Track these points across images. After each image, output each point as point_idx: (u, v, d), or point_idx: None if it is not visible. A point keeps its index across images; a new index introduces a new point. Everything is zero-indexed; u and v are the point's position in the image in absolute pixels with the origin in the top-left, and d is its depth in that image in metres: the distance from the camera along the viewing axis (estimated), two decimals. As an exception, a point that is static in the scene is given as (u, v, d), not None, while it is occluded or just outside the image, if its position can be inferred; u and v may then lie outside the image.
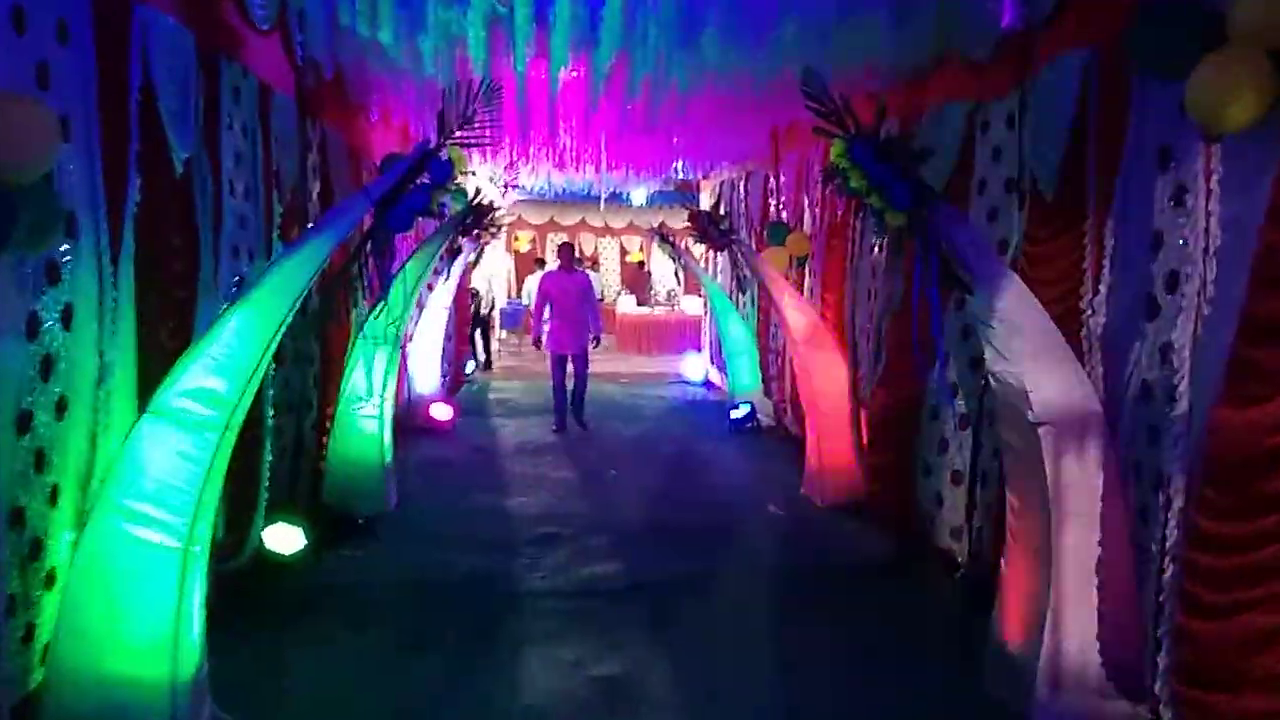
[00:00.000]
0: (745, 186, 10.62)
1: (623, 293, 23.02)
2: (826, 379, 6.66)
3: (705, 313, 13.22)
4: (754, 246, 8.95)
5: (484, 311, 15.24)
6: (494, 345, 16.79)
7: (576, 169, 9.89)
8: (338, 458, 6.26)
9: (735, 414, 9.73)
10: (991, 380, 3.65)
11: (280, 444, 5.68)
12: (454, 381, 11.26)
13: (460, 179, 4.81)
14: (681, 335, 18.67)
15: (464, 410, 10.71)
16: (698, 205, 11.43)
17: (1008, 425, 3.67)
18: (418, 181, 3.56)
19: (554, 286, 9.59)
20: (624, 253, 24.95)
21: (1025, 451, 3.61)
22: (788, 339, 6.84)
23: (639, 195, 22.76)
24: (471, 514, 6.58)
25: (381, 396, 6.32)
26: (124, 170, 3.26)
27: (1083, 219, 3.73)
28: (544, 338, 9.97)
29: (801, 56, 4.98)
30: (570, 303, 9.48)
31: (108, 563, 3.09)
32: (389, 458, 6.48)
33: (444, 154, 3.64)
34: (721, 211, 9.42)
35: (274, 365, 5.17)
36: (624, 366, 15.74)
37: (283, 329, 3.22)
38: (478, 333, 14.36)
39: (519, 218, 23.06)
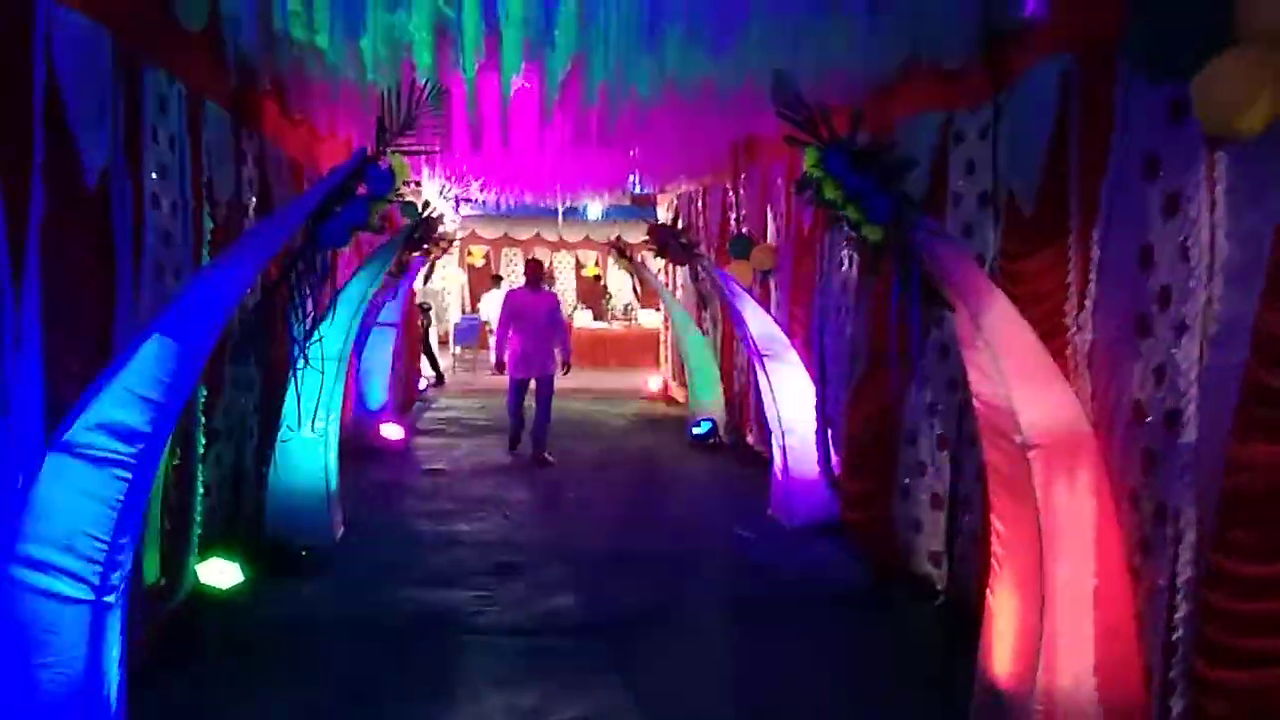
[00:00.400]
0: (704, 200, 10.43)
1: (579, 307, 22.72)
2: (792, 396, 6.46)
3: (665, 327, 12.98)
4: (713, 260, 8.76)
5: (433, 326, 14.89)
6: (444, 361, 16.40)
7: (529, 184, 9.60)
8: (279, 486, 5.90)
9: (697, 431, 9.50)
10: (975, 401, 3.45)
11: (219, 474, 5.32)
12: (405, 399, 10.88)
13: (405, 190, 4.54)
14: (639, 350, 18.47)
15: (416, 429, 10.35)
16: (656, 220, 11.22)
17: (993, 448, 3.47)
18: (355, 194, 3.26)
19: (519, 306, 8.86)
20: (579, 267, 24.69)
21: (1012, 476, 3.41)
22: (751, 355, 6.63)
23: (595, 210, 22.57)
24: (423, 542, 6.24)
25: (326, 420, 5.98)
26: (26, 182, 2.92)
27: (1065, 233, 3.55)
28: (501, 350, 9.15)
29: (766, 62, 4.80)
30: (536, 324, 8.74)
31: (4, 618, 2.75)
32: (334, 484, 6.13)
33: (384, 163, 3.34)
34: (679, 226, 9.20)
35: (207, 392, 4.82)
36: (582, 382, 15.42)
37: (207, 353, 2.91)
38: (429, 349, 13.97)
39: (472, 232, 22.71)
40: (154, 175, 4.05)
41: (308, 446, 5.95)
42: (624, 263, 10.42)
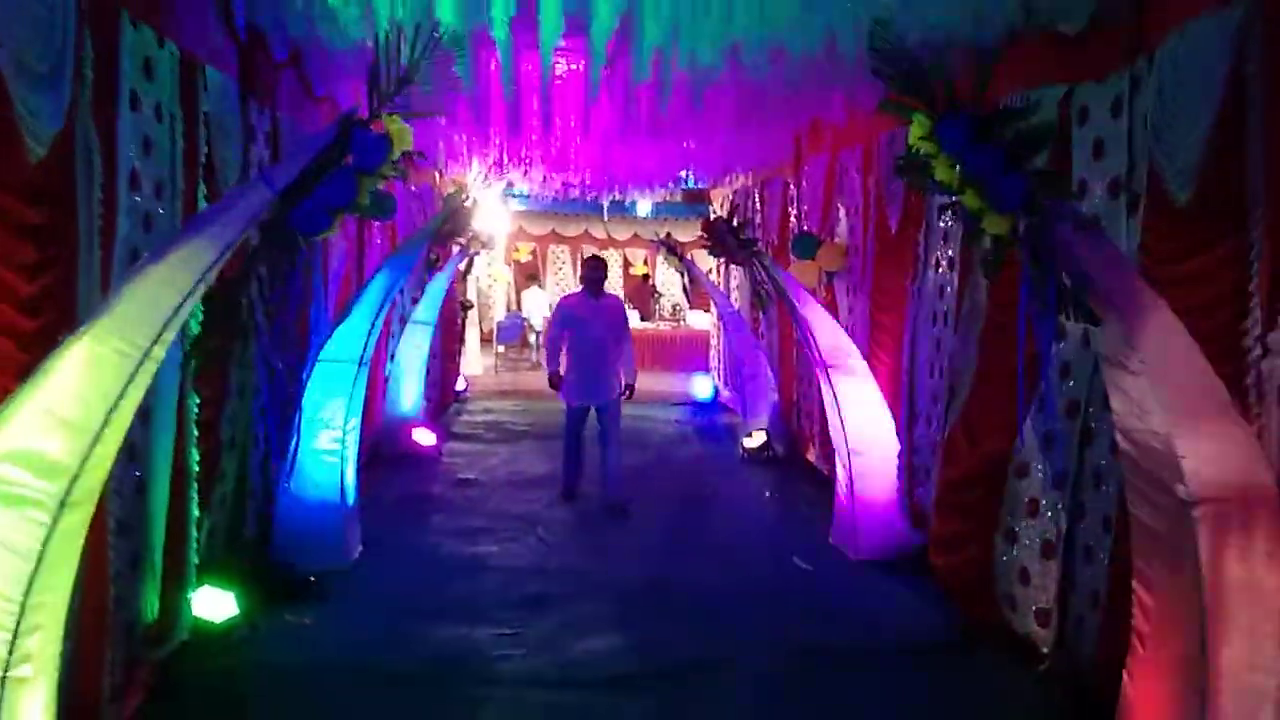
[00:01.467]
0: (762, 194, 9.72)
1: (628, 306, 22.08)
2: (863, 413, 5.73)
3: (716, 330, 12.27)
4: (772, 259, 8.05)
5: (472, 326, 14.38)
6: (488, 360, 15.89)
7: (573, 175, 8.95)
8: (291, 503, 5.34)
9: (749, 442, 8.81)
10: (1121, 439, 2.73)
11: (221, 490, 4.77)
12: (440, 403, 10.32)
13: (408, 165, 3.85)
14: (688, 353, 17.79)
15: (451, 433, 9.79)
16: (709, 216, 10.52)
17: (1142, 500, 2.75)
18: (338, 166, 2.65)
19: (576, 315, 6.99)
20: (627, 266, 24.06)
21: (1167, 535, 2.70)
22: (815, 365, 5.92)
23: (644, 206, 21.95)
24: (447, 567, 5.64)
25: (344, 429, 5.41)
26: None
27: (1238, 229, 2.81)
28: (550, 364, 7.33)
29: (845, 27, 4.11)
30: (597, 338, 6.88)
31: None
32: (352, 500, 5.56)
33: (376, 127, 2.72)
34: (737, 220, 8.51)
35: (201, 402, 4.26)
36: (627, 385, 14.81)
37: (151, 362, 2.31)
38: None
39: (519, 228, 22.23)
40: (133, 149, 3.48)
41: (324, 459, 5.38)
42: (673, 260, 9.75)
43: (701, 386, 12.51)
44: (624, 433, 9.17)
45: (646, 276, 23.38)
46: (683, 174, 12.54)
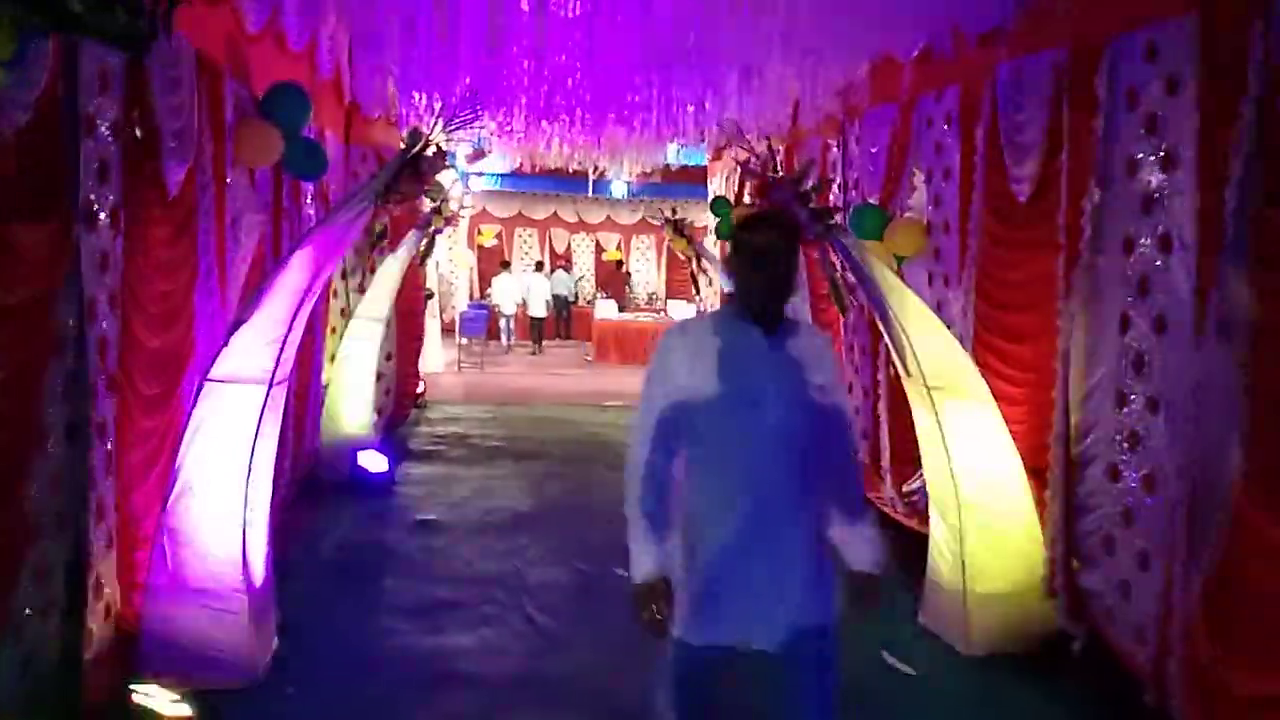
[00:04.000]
0: (789, 163, 8.07)
1: (600, 295, 20.39)
2: (981, 450, 4.14)
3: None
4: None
5: (434, 317, 12.63)
6: (448, 354, 14.12)
7: (570, 127, 7.20)
8: (163, 592, 3.61)
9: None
10: None
11: (34, 597, 3.02)
12: (397, 414, 8.56)
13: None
14: (672, 347, 16.13)
15: (407, 452, 8.05)
16: (756, 162, 8.76)
17: None
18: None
19: (716, 375, 2.35)
20: (599, 251, 22.32)
21: None
22: (906, 380, 4.31)
23: (619, 187, 20.27)
24: (398, 678, 3.93)
25: (246, 476, 3.69)
26: None
27: None
28: (645, 552, 2.41)
29: None
30: (773, 434, 2.33)
31: None
32: (261, 579, 3.84)
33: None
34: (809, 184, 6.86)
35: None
36: (610, 383, 13.14)
37: None
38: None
39: (483, 210, 20.40)
40: None
41: (218, 522, 3.66)
42: (681, 243, 8.07)
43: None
44: (603, 449, 7.52)
45: (620, 263, 21.70)
46: (677, 144, 10.94)
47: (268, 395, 3.70)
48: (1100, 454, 3.57)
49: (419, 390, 10.48)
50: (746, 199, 5.52)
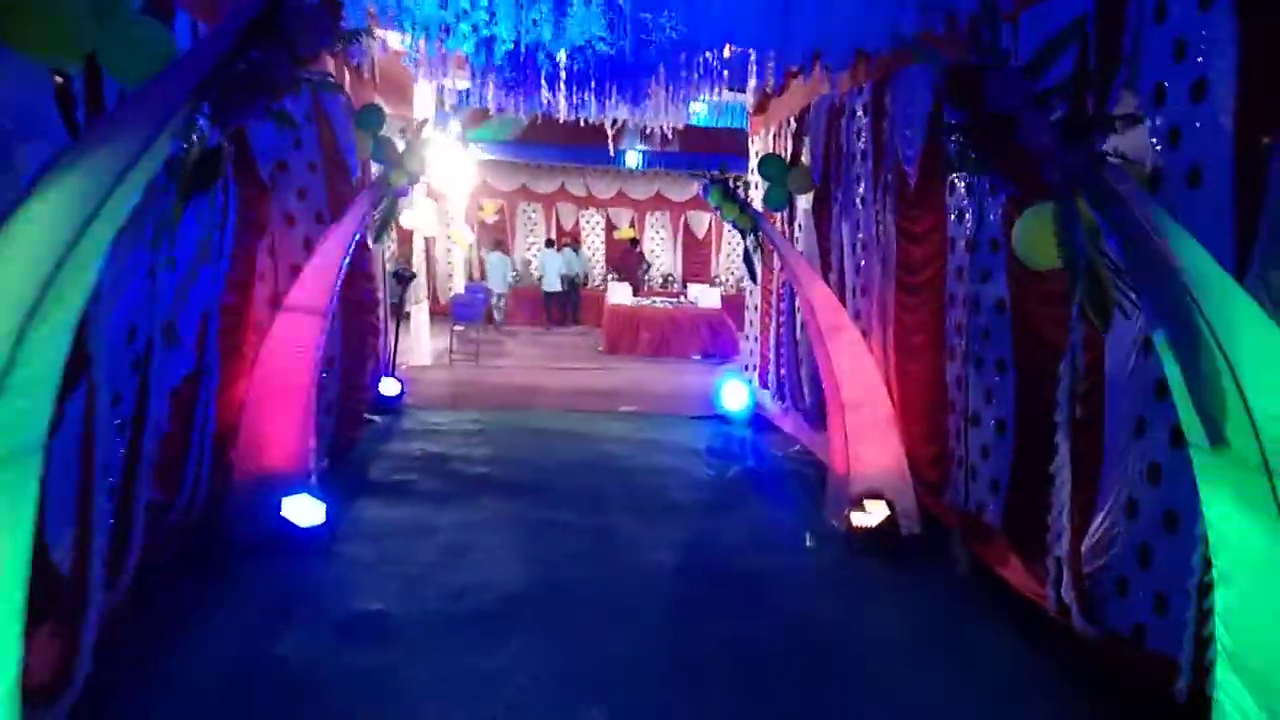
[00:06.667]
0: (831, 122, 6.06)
1: (613, 278, 18.39)
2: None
3: (765, 311, 8.61)
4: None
5: (417, 305, 10.70)
6: (439, 342, 12.15)
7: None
8: None
9: (860, 517, 5.23)
10: None
11: None
12: (342, 435, 6.58)
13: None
14: (695, 336, 14.15)
15: (363, 485, 6.10)
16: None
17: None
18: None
19: None
20: (610, 228, 20.28)
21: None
22: (1207, 451, 2.33)
23: (633, 157, 18.28)
24: None
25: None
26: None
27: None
28: None
29: None
30: None
31: None
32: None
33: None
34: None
35: None
36: (625, 380, 11.19)
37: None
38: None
39: (483, 182, 18.40)
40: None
41: None
42: (733, 209, 6.03)
43: (734, 394, 8.89)
44: (629, 479, 5.70)
45: (635, 241, 19.66)
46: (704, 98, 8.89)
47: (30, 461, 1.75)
48: None
49: (393, 394, 8.54)
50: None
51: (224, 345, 4.52)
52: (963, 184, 4.63)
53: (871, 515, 5.19)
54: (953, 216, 4.79)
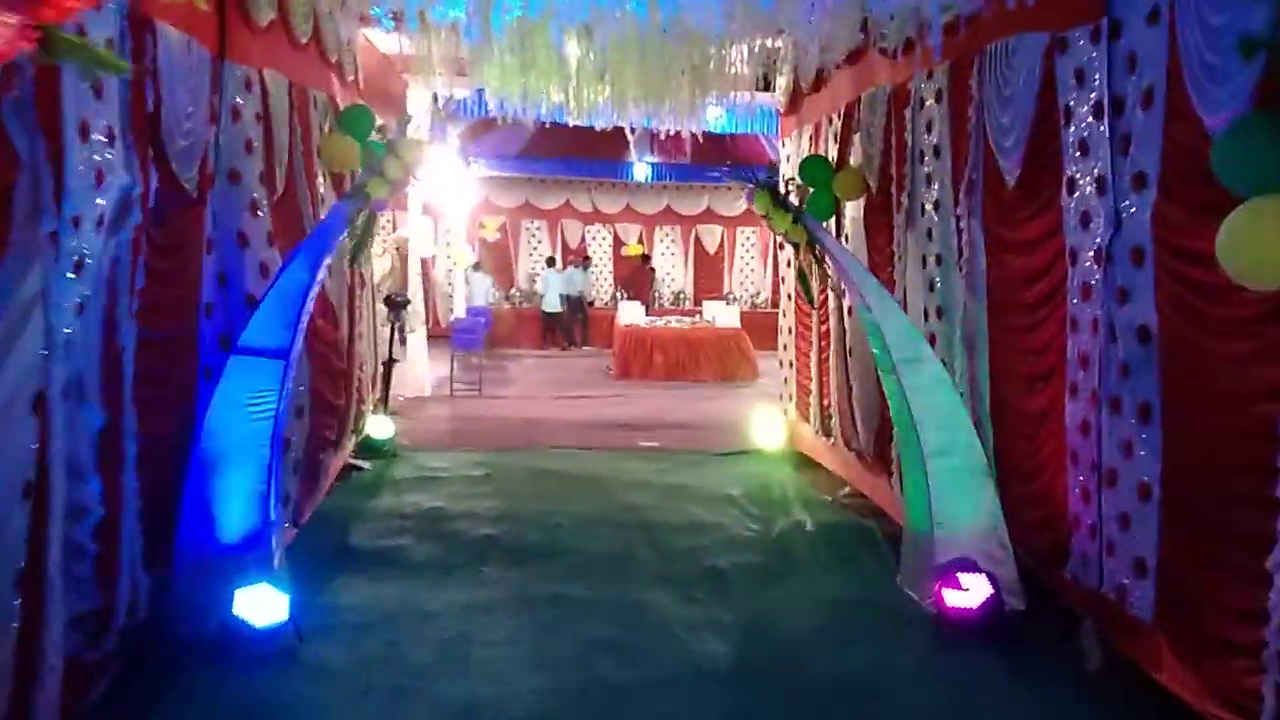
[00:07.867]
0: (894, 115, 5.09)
1: (622, 296, 17.42)
2: None
3: (801, 335, 7.61)
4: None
5: (415, 333, 9.72)
6: (440, 370, 11.12)
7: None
8: None
9: (957, 598, 4.21)
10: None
11: None
12: (307, 498, 5.53)
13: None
14: (717, 358, 13.11)
15: (345, 552, 5.09)
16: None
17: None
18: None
19: None
20: (618, 244, 19.30)
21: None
22: None
23: (641, 170, 17.35)
24: None
25: None
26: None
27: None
28: None
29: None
30: None
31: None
32: None
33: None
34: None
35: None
36: (642, 410, 10.17)
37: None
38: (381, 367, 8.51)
39: (485, 199, 17.47)
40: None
41: None
42: (784, 220, 4.98)
43: (768, 427, 7.88)
44: (661, 543, 5.06)
45: (646, 257, 18.68)
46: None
47: None
48: None
49: (385, 437, 7.55)
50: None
51: (141, 396, 3.51)
52: (1091, 180, 3.64)
53: (970, 594, 4.17)
54: (1073, 221, 3.79)
